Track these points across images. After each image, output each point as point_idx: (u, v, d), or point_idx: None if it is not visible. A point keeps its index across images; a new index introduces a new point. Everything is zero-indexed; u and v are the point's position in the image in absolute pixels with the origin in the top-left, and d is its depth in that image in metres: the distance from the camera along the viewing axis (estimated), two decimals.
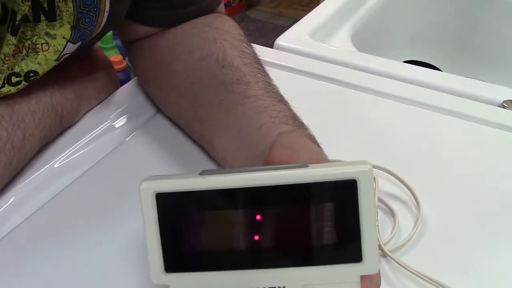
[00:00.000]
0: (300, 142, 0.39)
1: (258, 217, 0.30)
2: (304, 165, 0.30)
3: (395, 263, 0.40)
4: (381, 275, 0.32)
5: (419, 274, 0.38)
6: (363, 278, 0.29)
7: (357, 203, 0.29)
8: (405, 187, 0.46)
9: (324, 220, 0.29)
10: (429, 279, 0.38)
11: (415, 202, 0.45)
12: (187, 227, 0.30)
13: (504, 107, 0.58)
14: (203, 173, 0.30)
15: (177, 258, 0.31)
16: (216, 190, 0.29)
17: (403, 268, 0.39)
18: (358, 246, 0.29)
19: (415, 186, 0.46)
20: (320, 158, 0.37)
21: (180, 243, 0.30)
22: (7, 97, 0.44)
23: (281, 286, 0.30)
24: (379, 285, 0.30)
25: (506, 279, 0.40)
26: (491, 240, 0.43)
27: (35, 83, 0.46)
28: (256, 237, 0.30)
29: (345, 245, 0.29)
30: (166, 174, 0.32)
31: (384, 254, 0.40)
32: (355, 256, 0.29)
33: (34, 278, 0.39)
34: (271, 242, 0.30)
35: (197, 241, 0.30)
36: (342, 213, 0.29)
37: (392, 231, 0.43)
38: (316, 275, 0.30)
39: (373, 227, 0.29)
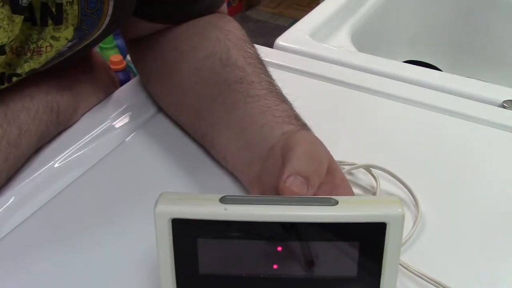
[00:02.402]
0: (317, 142, 0.39)
1: (279, 248, 0.29)
2: (333, 201, 0.29)
3: None
4: None
5: (418, 273, 0.38)
6: None
7: (383, 244, 0.28)
8: (404, 187, 0.46)
9: (347, 255, 0.29)
10: (428, 278, 0.38)
11: (414, 202, 0.45)
12: (203, 253, 0.29)
13: (504, 107, 0.58)
14: (224, 200, 0.29)
15: (191, 285, 0.30)
16: (238, 221, 0.28)
17: (402, 267, 0.39)
18: (377, 282, 0.29)
19: (414, 186, 0.46)
20: (332, 163, 0.37)
21: (194, 269, 0.29)
22: (1, 96, 0.44)
23: None
24: None
25: (505, 279, 0.40)
26: (490, 240, 0.43)
27: (30, 82, 0.46)
28: (275, 267, 0.29)
29: (365, 280, 0.29)
30: (181, 193, 0.30)
31: None
32: None
33: (34, 278, 0.39)
34: (290, 273, 0.29)
35: (212, 267, 0.30)
36: (367, 251, 0.29)
37: None
38: None
39: (395, 265, 0.29)
